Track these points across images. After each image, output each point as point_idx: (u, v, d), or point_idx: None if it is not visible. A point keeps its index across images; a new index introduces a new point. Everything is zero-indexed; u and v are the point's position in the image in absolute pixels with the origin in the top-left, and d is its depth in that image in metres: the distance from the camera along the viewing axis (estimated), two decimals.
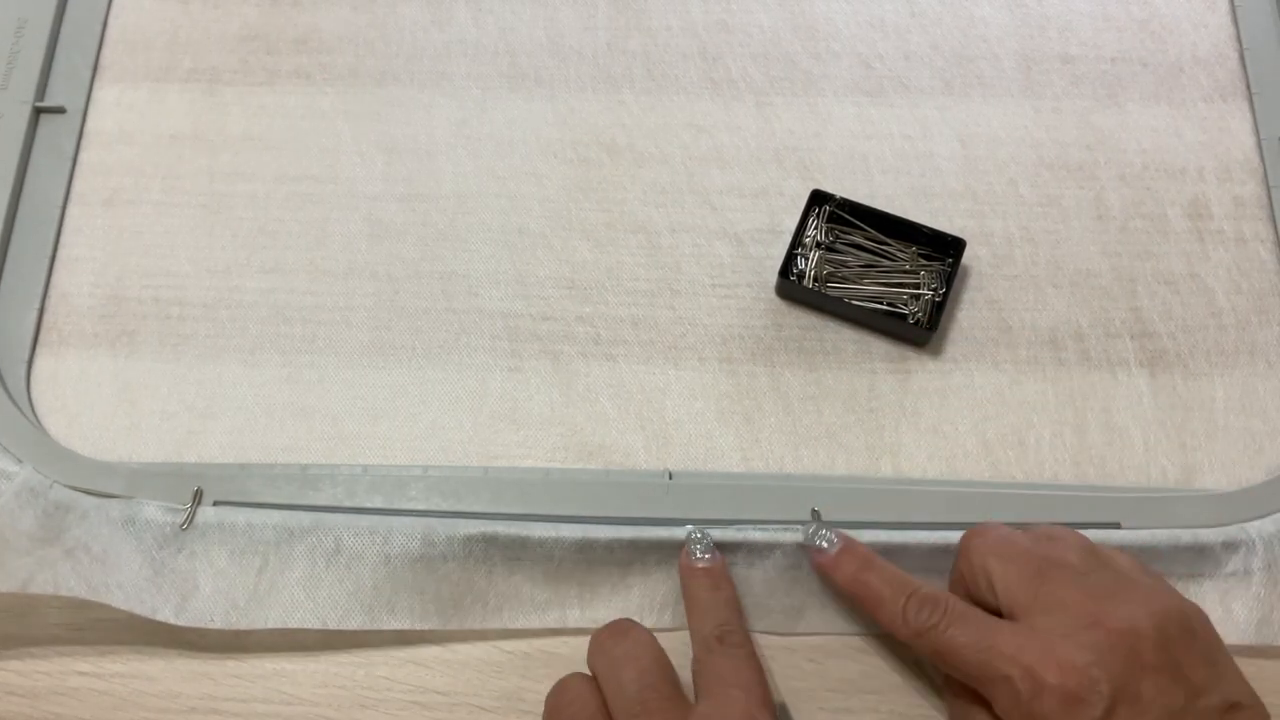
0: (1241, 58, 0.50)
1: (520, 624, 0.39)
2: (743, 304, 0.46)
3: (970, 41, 0.51)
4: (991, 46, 0.50)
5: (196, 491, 0.41)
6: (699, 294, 0.46)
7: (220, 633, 0.39)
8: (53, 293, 0.46)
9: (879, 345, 0.45)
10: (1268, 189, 0.47)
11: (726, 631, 0.37)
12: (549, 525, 0.40)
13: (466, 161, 0.49)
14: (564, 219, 0.48)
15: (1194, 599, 0.39)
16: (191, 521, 0.40)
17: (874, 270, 0.45)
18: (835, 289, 0.45)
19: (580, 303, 0.46)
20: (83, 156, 0.49)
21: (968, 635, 0.34)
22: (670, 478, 0.42)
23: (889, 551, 0.39)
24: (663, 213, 0.48)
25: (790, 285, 0.45)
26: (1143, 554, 0.39)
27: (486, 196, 0.48)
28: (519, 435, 0.43)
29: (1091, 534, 0.39)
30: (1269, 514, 0.40)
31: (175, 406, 0.44)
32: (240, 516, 0.40)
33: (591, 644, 0.36)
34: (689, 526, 0.40)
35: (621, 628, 0.37)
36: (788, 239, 0.45)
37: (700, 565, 0.39)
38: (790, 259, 0.45)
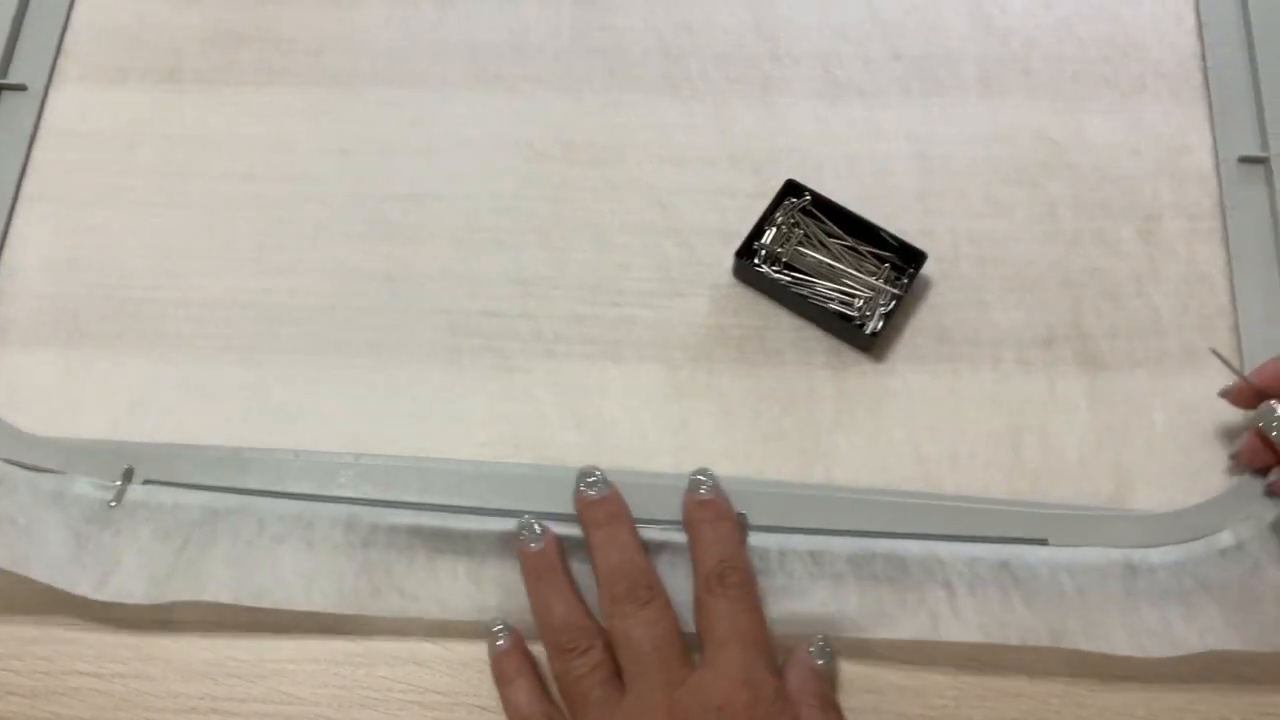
0: (1205, 78, 0.49)
1: (435, 614, 0.39)
2: (687, 305, 0.46)
3: (932, 50, 0.50)
4: (953, 56, 0.50)
5: (127, 470, 0.41)
6: (644, 293, 0.46)
7: (220, 630, 0.39)
8: (1, 269, 0.47)
9: (820, 350, 0.44)
10: (1223, 210, 0.46)
11: (727, 569, 0.37)
12: (475, 517, 0.40)
13: (421, 159, 0.49)
14: (516, 216, 0.48)
15: (1127, 617, 0.38)
16: (120, 499, 0.40)
17: (831, 268, 0.45)
18: (790, 279, 0.45)
19: (525, 299, 0.46)
20: (39, 147, 0.49)
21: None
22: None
23: (813, 556, 0.39)
24: (614, 212, 0.47)
25: (746, 268, 0.45)
26: (1072, 569, 0.39)
27: (441, 194, 0.48)
28: (455, 429, 0.43)
29: (1018, 549, 0.39)
30: (1201, 537, 0.40)
31: (116, 385, 0.44)
32: (168, 496, 0.40)
33: (610, 606, 0.37)
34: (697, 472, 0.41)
35: (640, 597, 0.37)
36: (736, 242, 0.45)
37: (703, 497, 0.40)
38: (750, 242, 0.45)
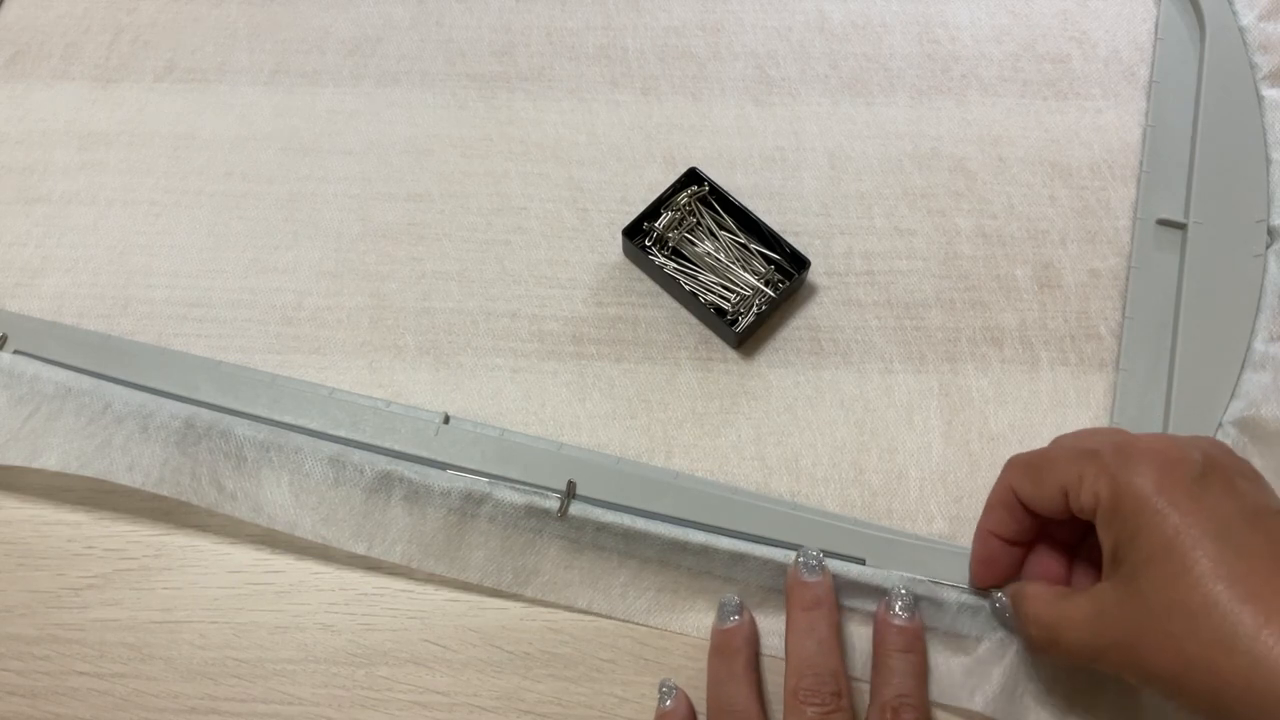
0: (1144, 134, 0.48)
1: (248, 516, 0.40)
2: (573, 278, 0.46)
3: (870, 67, 0.50)
4: (890, 76, 0.50)
5: (1, 336, 0.43)
6: (535, 263, 0.46)
7: (220, 630, 0.40)
8: None
9: (691, 341, 0.45)
10: (1128, 268, 0.45)
11: (904, 705, 0.36)
12: (308, 438, 0.41)
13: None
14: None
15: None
16: None
17: (717, 261, 0.45)
18: (674, 265, 0.45)
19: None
20: None
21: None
22: (446, 421, 0.43)
23: (629, 537, 0.40)
24: (525, 185, 0.48)
25: (633, 248, 0.45)
26: (879, 594, 0.39)
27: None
28: (322, 360, 0.45)
29: (834, 564, 0.39)
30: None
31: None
32: (31, 368, 0.42)
33: (790, 699, 0.36)
34: (895, 578, 0.38)
35: (824, 702, 0.35)
36: (619, 235, 0.45)
37: (899, 622, 0.38)
38: (641, 223, 0.45)
